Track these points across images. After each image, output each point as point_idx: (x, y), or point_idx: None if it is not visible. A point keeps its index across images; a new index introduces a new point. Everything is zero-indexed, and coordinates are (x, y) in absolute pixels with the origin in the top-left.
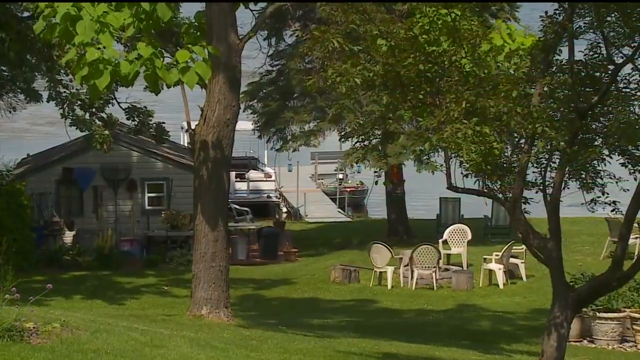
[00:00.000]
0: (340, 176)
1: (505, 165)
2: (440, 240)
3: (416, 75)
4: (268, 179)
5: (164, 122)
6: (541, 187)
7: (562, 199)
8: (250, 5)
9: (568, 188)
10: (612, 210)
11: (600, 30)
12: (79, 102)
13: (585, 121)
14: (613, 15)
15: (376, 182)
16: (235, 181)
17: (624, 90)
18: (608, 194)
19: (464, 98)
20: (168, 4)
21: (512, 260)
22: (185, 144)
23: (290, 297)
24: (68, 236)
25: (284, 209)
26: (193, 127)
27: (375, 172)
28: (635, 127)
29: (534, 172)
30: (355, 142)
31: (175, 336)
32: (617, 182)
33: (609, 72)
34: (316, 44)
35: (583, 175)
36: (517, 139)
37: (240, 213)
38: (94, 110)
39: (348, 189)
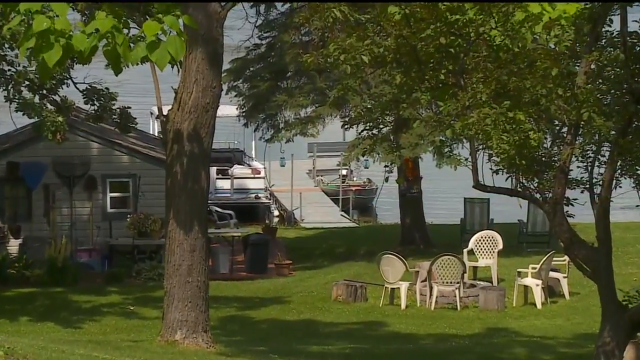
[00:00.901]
0: (344, 172)
1: (543, 159)
2: (465, 250)
3: (436, 50)
4: (256, 175)
5: (129, 107)
6: (587, 186)
7: (613, 200)
8: None
9: (620, 187)
10: None
11: None
12: (26, 83)
13: None
14: None
15: (387, 180)
16: (217, 178)
17: None
18: None
19: (494, 77)
20: None
21: (552, 274)
22: (156, 134)
23: (282, 319)
24: (13, 245)
25: (276, 212)
26: (165, 113)
27: (385, 167)
28: None
29: (578, 167)
30: (362, 131)
31: None
32: None
33: None
34: (315, 14)
35: (639, 171)
36: (558, 128)
37: (222, 217)
38: (44, 92)
39: (353, 188)
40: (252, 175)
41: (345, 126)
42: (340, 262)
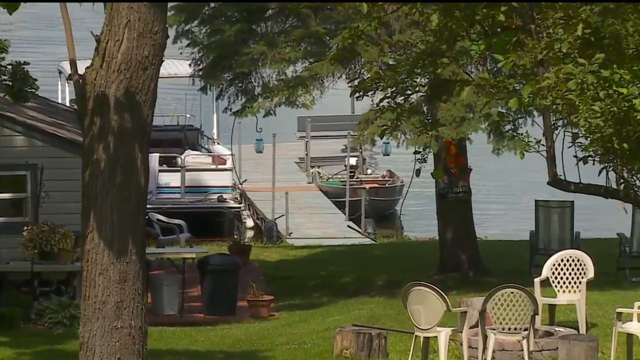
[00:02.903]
0: (353, 162)
1: None
2: (536, 280)
3: None
4: (220, 166)
5: (27, 63)
6: None
7: None
8: None
9: None
10: None
11: None
12: None
13: None
14: None
15: (418, 173)
16: (160, 171)
17: None
18: None
19: (580, 18)
20: None
21: None
22: (68, 103)
23: None
24: None
25: (249, 222)
26: (82, 71)
27: (416, 153)
28: None
29: None
30: (381, 100)
31: None
32: None
33: None
34: None
35: None
36: None
37: (168, 229)
38: None
39: (366, 186)
40: (214, 166)
41: (356, 94)
42: (347, 297)
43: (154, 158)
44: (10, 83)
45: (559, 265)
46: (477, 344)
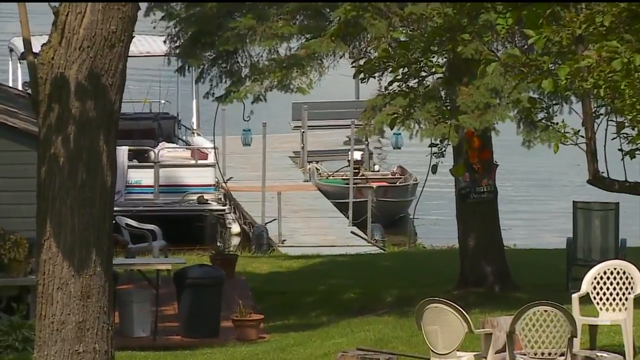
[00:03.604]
0: (357, 156)
1: None
2: (575, 296)
3: None
4: (200, 161)
5: None
6: None
7: None
8: None
9: None
10: None
11: None
12: None
13: None
14: None
15: (434, 170)
16: (130, 167)
17: None
18: None
19: None
20: None
21: None
22: (20, 87)
23: None
24: None
25: (235, 228)
26: (38, 49)
27: (432, 146)
28: None
29: None
30: (390, 83)
31: None
32: None
33: None
34: None
35: None
36: None
37: (138, 236)
38: None
39: (373, 184)
40: (194, 162)
41: (361, 75)
42: (350, 316)
43: (123, 152)
44: None
45: (602, 278)
46: None
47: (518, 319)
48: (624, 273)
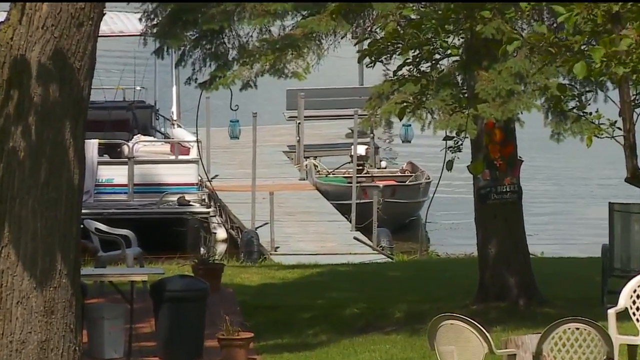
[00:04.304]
0: (361, 150)
1: None
2: (611, 312)
3: None
4: (181, 157)
5: None
6: None
7: None
8: None
9: None
10: None
11: None
12: None
13: None
14: None
15: (450, 166)
16: (100, 163)
17: None
18: None
19: None
20: None
21: None
22: None
23: None
24: None
25: (221, 233)
26: None
27: (447, 138)
28: None
29: None
30: (399, 67)
31: None
32: None
33: None
34: None
35: None
36: None
37: (110, 242)
38: None
39: (380, 183)
40: (173, 157)
41: (366, 59)
42: (353, 334)
43: (92, 145)
44: None
45: None
46: None
47: (546, 337)
48: None
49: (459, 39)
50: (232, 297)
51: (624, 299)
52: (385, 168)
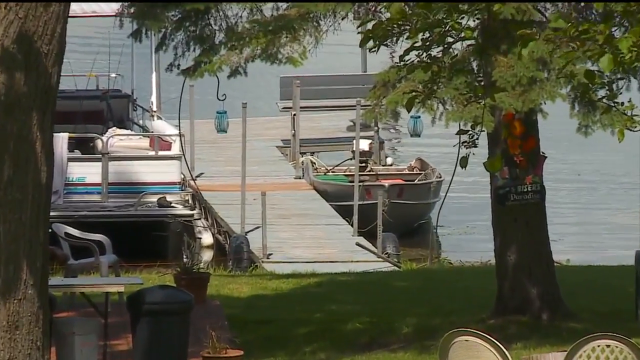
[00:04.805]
0: (365, 146)
1: None
2: None
3: None
4: (162, 152)
5: None
6: None
7: None
8: None
9: None
10: None
11: None
12: None
13: None
14: None
15: (464, 164)
16: (70, 159)
17: None
18: None
19: None
20: None
21: None
22: None
23: None
24: None
25: (207, 238)
26: None
27: (461, 132)
28: None
29: None
30: (407, 52)
31: None
32: None
33: None
34: None
35: None
36: None
37: (82, 249)
38: None
39: (385, 182)
40: (153, 153)
41: (369, 43)
42: (355, 352)
43: (62, 140)
44: None
45: None
46: None
47: (573, 355)
48: None
49: (474, 20)
50: (219, 310)
51: None
52: (391, 165)
